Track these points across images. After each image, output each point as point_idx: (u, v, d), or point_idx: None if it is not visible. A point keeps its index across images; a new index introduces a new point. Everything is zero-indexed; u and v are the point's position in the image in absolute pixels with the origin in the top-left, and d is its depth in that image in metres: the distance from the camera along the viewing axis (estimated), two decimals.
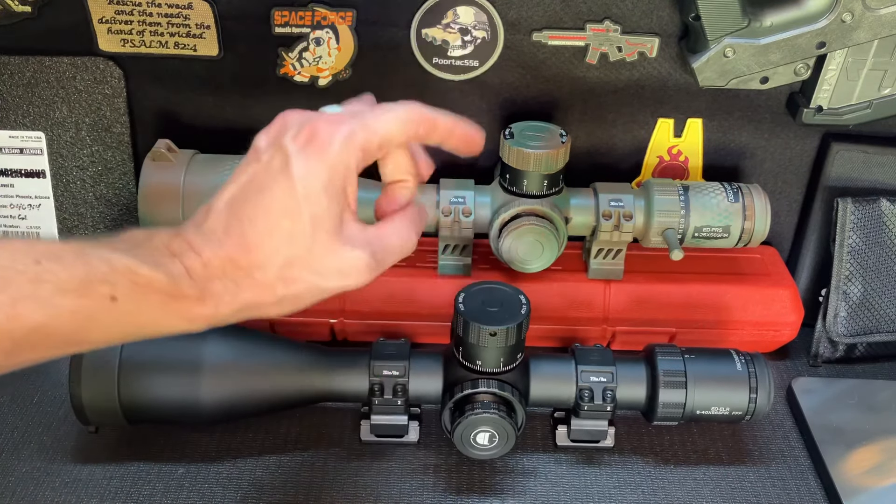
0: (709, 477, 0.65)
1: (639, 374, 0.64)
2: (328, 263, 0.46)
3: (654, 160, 0.79)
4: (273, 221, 0.46)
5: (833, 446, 0.66)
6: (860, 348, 0.76)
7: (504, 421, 0.60)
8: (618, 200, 0.70)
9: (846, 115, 0.72)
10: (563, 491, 0.63)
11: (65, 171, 0.76)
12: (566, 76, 0.74)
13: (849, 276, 0.73)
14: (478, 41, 0.72)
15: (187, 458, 0.64)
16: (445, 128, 0.51)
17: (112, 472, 0.63)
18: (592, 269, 0.73)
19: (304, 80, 0.73)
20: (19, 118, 0.74)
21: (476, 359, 0.60)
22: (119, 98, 0.74)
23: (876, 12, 0.66)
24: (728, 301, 0.73)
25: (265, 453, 0.65)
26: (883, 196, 0.73)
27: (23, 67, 0.72)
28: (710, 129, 0.77)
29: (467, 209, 0.70)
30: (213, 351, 0.61)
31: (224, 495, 0.62)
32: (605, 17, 0.70)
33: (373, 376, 0.62)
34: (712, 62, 0.69)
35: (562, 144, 0.67)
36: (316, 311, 0.71)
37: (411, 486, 0.63)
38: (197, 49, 0.72)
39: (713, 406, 0.63)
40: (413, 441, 0.65)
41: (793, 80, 0.71)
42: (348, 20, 0.70)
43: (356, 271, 0.47)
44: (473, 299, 0.61)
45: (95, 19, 0.70)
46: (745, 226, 0.70)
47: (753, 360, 0.64)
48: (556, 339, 0.74)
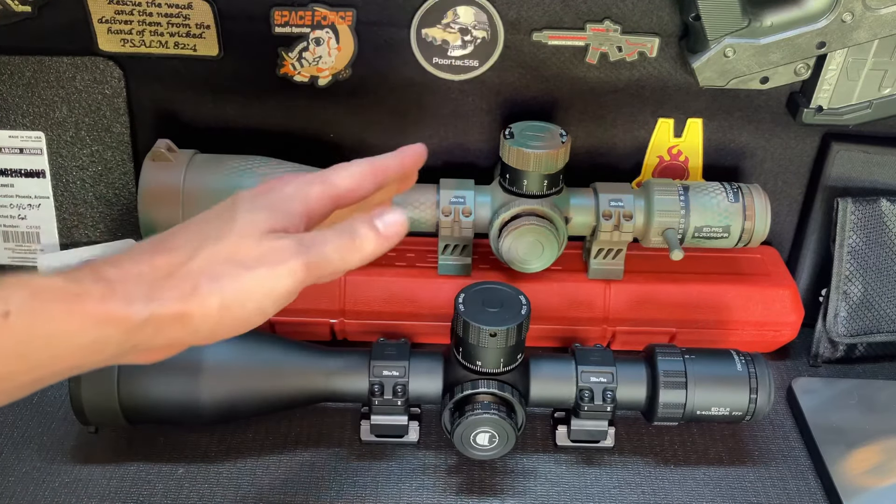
0: (709, 477, 0.65)
1: (639, 374, 0.64)
2: (251, 252, 0.44)
3: (654, 160, 0.79)
4: (198, 226, 0.46)
5: (833, 446, 0.66)
6: (860, 348, 0.76)
7: (504, 421, 0.60)
8: (618, 200, 0.70)
9: (846, 115, 0.72)
10: (563, 491, 0.63)
11: (64, 170, 0.76)
12: (566, 76, 0.74)
13: (849, 276, 0.73)
14: (478, 41, 0.72)
15: (187, 458, 0.64)
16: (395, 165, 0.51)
17: (112, 472, 0.63)
18: (592, 269, 0.73)
19: (304, 79, 0.73)
20: (19, 118, 0.74)
21: (476, 359, 0.60)
22: (119, 98, 0.74)
23: (876, 12, 0.66)
24: (728, 301, 0.73)
25: (265, 453, 0.65)
26: (883, 196, 0.73)
27: (22, 67, 0.72)
28: (711, 129, 0.77)
29: (467, 209, 0.70)
30: (213, 351, 0.61)
31: (224, 495, 0.62)
32: (606, 17, 0.70)
33: (373, 376, 0.62)
34: (712, 62, 0.69)
35: (562, 144, 0.67)
36: (316, 310, 0.72)
37: (411, 487, 0.63)
38: (197, 49, 0.72)
39: (713, 406, 0.63)
40: (413, 441, 0.65)
41: (793, 79, 0.71)
42: (348, 20, 0.70)
43: (279, 255, 0.43)
44: (473, 299, 0.61)
45: (95, 19, 0.70)
46: (745, 226, 0.70)
47: (754, 360, 0.64)
48: (556, 340, 0.74)
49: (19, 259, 0.78)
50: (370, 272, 0.73)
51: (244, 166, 0.69)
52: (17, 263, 0.78)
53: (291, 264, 0.44)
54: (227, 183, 0.68)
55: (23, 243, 0.77)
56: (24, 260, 0.78)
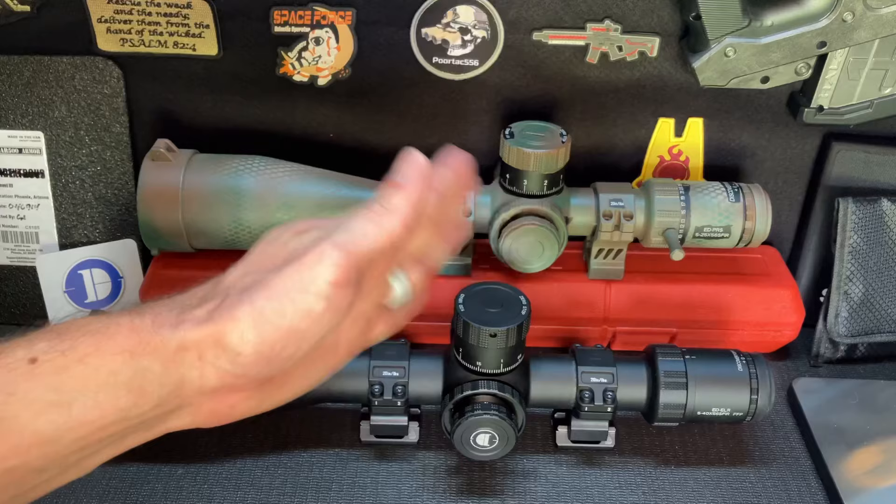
0: (709, 478, 0.65)
1: (639, 374, 0.64)
2: (279, 254, 0.42)
3: (654, 160, 0.78)
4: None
5: (834, 447, 0.66)
6: (861, 348, 0.76)
7: (504, 422, 0.60)
8: (618, 200, 0.70)
9: (847, 114, 0.72)
10: (563, 492, 0.63)
11: (64, 170, 0.76)
12: (566, 76, 0.73)
13: (850, 277, 0.73)
14: (478, 41, 0.72)
15: (187, 458, 0.64)
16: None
17: (112, 472, 0.63)
18: (593, 269, 0.73)
19: (304, 79, 0.73)
20: (18, 118, 0.74)
21: (476, 360, 0.60)
22: (118, 98, 0.74)
23: (877, 12, 0.66)
24: (729, 301, 0.73)
25: (265, 453, 0.65)
26: (884, 196, 0.73)
27: (22, 67, 0.72)
28: (711, 128, 0.77)
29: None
30: None
31: (224, 495, 0.62)
32: (606, 17, 0.70)
33: (372, 377, 0.62)
34: (713, 62, 0.69)
35: (562, 144, 0.67)
36: None
37: (411, 487, 0.63)
38: (196, 48, 0.71)
39: (714, 407, 0.63)
40: (413, 442, 0.65)
41: (794, 79, 0.71)
42: (348, 19, 0.70)
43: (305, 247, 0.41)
44: (473, 300, 0.60)
45: (95, 19, 0.70)
46: (745, 226, 0.70)
47: (754, 360, 0.64)
48: (557, 340, 0.74)
49: (18, 259, 0.78)
50: None
51: (244, 166, 0.69)
52: (16, 263, 0.78)
53: (320, 249, 0.40)
54: (226, 183, 0.68)
55: (22, 243, 0.77)
56: (23, 260, 0.78)
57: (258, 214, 0.68)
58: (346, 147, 0.77)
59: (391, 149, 0.84)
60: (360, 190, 0.70)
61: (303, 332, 0.40)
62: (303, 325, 0.40)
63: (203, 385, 0.40)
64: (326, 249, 0.40)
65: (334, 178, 0.71)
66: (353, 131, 0.77)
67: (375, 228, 0.42)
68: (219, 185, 0.68)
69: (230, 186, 0.68)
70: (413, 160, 0.45)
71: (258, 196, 0.68)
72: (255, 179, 0.68)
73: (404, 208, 0.43)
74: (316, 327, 0.40)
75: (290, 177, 0.69)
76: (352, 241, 0.41)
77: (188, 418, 0.42)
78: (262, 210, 0.68)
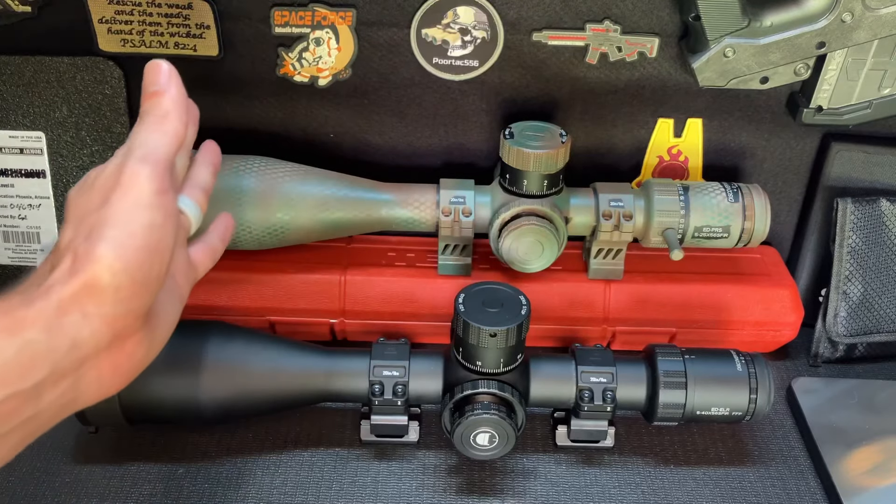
0: (709, 477, 0.65)
1: (639, 374, 0.64)
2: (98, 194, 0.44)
3: (654, 160, 0.79)
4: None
5: (833, 446, 0.66)
6: (860, 348, 0.76)
7: (504, 422, 0.60)
8: (618, 200, 0.70)
9: (846, 115, 0.72)
10: (563, 491, 0.63)
11: (65, 171, 0.76)
12: (566, 76, 0.74)
13: (849, 276, 0.73)
14: (478, 41, 0.72)
15: (187, 458, 0.64)
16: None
17: (112, 472, 0.63)
18: (592, 269, 0.73)
19: (304, 80, 0.73)
20: (19, 118, 0.74)
21: (476, 359, 0.60)
22: (119, 98, 0.74)
23: (876, 12, 0.66)
24: (728, 301, 0.73)
25: (265, 453, 0.65)
26: (883, 196, 0.73)
27: (23, 67, 0.72)
28: (710, 129, 0.77)
29: (467, 209, 0.70)
30: (213, 351, 0.61)
31: (224, 495, 0.62)
32: (605, 17, 0.70)
33: (373, 376, 0.62)
34: (712, 62, 0.69)
35: (562, 144, 0.67)
36: (316, 310, 0.72)
37: (411, 487, 0.63)
38: (197, 49, 0.72)
39: (713, 406, 0.63)
40: (413, 441, 0.65)
41: (793, 79, 0.71)
42: (348, 20, 0.70)
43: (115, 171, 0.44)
44: (473, 300, 0.61)
45: (95, 19, 0.70)
46: (745, 226, 0.70)
47: (753, 360, 0.64)
48: (556, 340, 0.74)
49: (19, 259, 0.78)
50: (370, 272, 0.73)
51: (244, 166, 0.69)
52: (17, 264, 0.78)
53: (130, 170, 0.43)
54: (227, 183, 0.68)
55: (23, 243, 0.77)
56: (24, 260, 0.78)
57: (258, 214, 0.68)
58: (346, 147, 0.77)
59: (391, 149, 0.84)
60: (361, 190, 0.70)
61: (157, 245, 0.43)
62: (154, 238, 0.43)
63: (99, 341, 0.42)
64: (135, 167, 0.44)
65: (334, 178, 0.71)
66: (353, 131, 0.77)
67: (161, 135, 0.46)
68: (220, 184, 0.68)
69: (230, 186, 0.68)
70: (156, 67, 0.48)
71: (258, 196, 0.68)
72: (255, 179, 0.68)
73: (174, 108, 0.47)
74: (165, 236, 0.44)
75: (290, 177, 0.69)
76: (151, 152, 0.45)
77: (95, 384, 0.43)
78: (263, 210, 0.68)
